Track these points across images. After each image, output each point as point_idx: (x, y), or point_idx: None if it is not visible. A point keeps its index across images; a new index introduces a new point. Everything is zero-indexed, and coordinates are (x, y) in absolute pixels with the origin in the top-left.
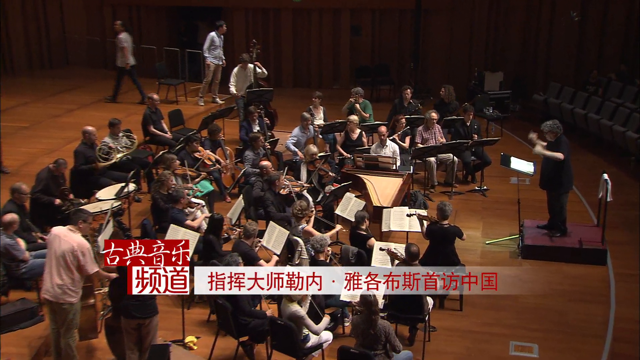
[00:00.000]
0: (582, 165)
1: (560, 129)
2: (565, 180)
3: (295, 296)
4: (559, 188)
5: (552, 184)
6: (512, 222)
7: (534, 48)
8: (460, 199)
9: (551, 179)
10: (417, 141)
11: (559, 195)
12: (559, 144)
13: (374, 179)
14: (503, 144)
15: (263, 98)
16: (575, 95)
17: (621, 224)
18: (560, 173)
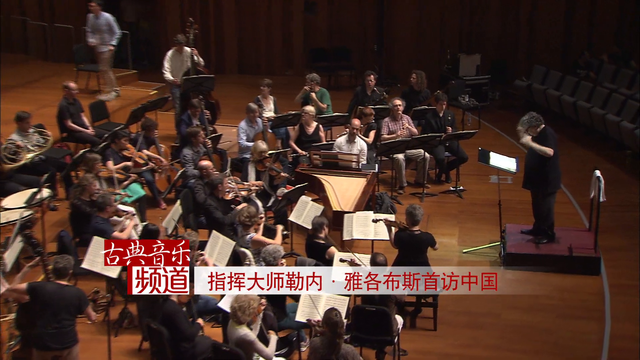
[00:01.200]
0: (571, 160)
1: (540, 120)
2: (552, 178)
3: (244, 318)
4: (545, 187)
5: (538, 183)
6: (493, 227)
7: (515, 26)
8: (432, 202)
9: (537, 177)
10: (382, 134)
11: (546, 196)
12: (545, 138)
13: (333, 180)
14: (481, 137)
15: (202, 87)
16: (563, 80)
17: (616, 228)
18: (546, 170)
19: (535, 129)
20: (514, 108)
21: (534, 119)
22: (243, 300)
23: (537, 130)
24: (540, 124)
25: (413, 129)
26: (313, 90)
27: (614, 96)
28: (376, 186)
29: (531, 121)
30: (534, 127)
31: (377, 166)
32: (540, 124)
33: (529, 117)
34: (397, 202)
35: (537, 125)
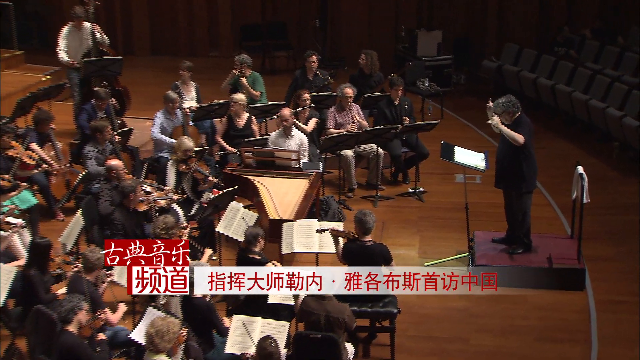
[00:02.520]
0: (550, 155)
1: (518, 107)
2: (528, 175)
3: (163, 345)
4: (520, 186)
5: (512, 181)
6: (459, 235)
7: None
8: (388, 206)
9: (510, 174)
10: (328, 127)
11: (521, 197)
12: (519, 126)
13: (269, 182)
14: (444, 129)
15: (107, 71)
16: (539, 60)
17: (603, 234)
18: (521, 165)
19: (510, 116)
20: (482, 93)
21: (510, 104)
22: (160, 324)
23: (512, 118)
24: (517, 112)
25: (363, 121)
26: (243, 75)
27: (599, 78)
28: (321, 189)
29: (507, 105)
30: (509, 113)
31: (321, 165)
32: (517, 111)
33: (505, 100)
34: (346, 207)
35: (513, 113)
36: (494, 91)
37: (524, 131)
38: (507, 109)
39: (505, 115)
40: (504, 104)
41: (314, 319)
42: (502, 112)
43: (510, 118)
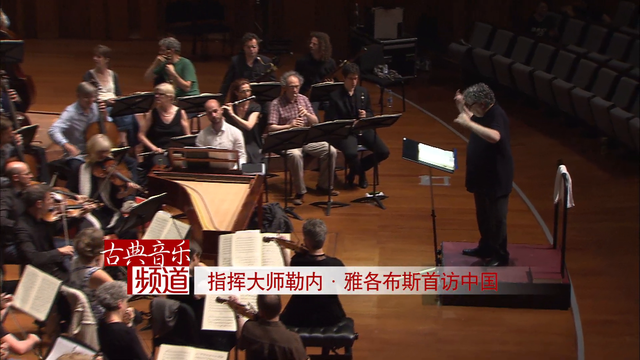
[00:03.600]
0: (528, 152)
1: (492, 97)
2: (504, 176)
3: None
4: (494, 189)
5: (485, 183)
6: (425, 246)
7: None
8: (342, 214)
9: (483, 175)
10: (270, 122)
11: (495, 201)
12: (492, 119)
13: (203, 188)
14: (406, 123)
15: (6, 57)
16: (515, 42)
17: (590, 244)
18: (495, 165)
19: (481, 108)
20: (450, 82)
21: (483, 94)
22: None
23: (484, 110)
24: (490, 103)
25: (312, 115)
26: (171, 62)
27: (583, 63)
28: (263, 195)
29: (479, 96)
30: (480, 105)
31: (263, 167)
32: (490, 102)
33: (477, 90)
34: (294, 216)
35: (486, 104)
36: (463, 79)
37: (498, 126)
38: (479, 100)
39: (476, 106)
40: (475, 93)
41: (256, 348)
42: (473, 103)
43: (482, 110)
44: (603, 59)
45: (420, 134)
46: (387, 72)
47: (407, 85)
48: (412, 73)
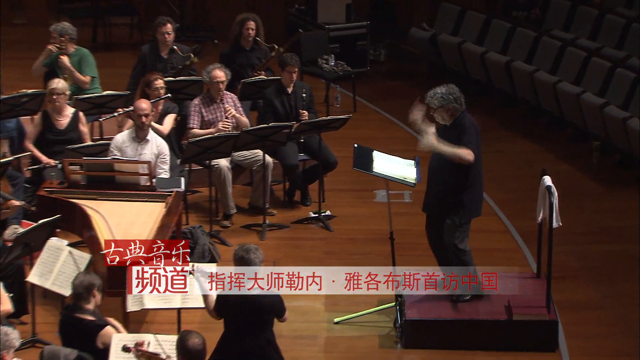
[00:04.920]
0: (506, 161)
1: (462, 103)
2: (468, 197)
3: None
4: (456, 212)
5: (447, 209)
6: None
7: None
8: (281, 238)
9: (446, 201)
10: (191, 126)
11: (456, 227)
12: (462, 131)
13: (107, 208)
14: (358, 127)
15: None
16: (489, 27)
17: (582, 270)
18: (463, 190)
19: (448, 114)
20: (410, 75)
21: (452, 97)
22: None
23: (451, 117)
24: (459, 109)
25: (243, 117)
26: (65, 52)
27: (570, 52)
28: (183, 216)
29: (447, 99)
30: (447, 110)
31: (182, 182)
32: (460, 108)
33: (446, 92)
34: (221, 241)
35: (454, 110)
36: (428, 72)
37: (470, 142)
38: (447, 104)
39: (442, 111)
40: (442, 96)
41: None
42: (438, 106)
43: (449, 117)
44: (594, 47)
45: (375, 140)
46: (333, 64)
47: (358, 80)
48: (364, 65)
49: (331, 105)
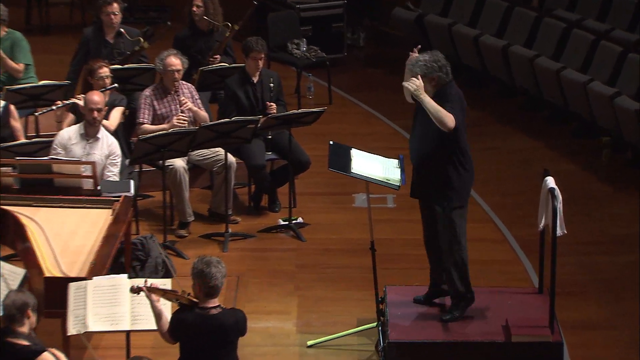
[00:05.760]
0: (503, 159)
1: (448, 72)
2: (459, 180)
3: None
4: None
5: (433, 192)
6: (361, 293)
7: None
8: (246, 250)
9: (431, 181)
10: (141, 121)
11: (449, 213)
12: (446, 100)
13: (44, 216)
14: (334, 121)
15: None
16: (482, 6)
17: (589, 285)
18: (447, 166)
19: (432, 84)
20: (392, 62)
21: (437, 66)
22: None
23: (435, 87)
24: (445, 78)
25: (202, 111)
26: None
27: (576, 35)
28: (133, 224)
29: (431, 67)
30: (431, 80)
31: (132, 185)
32: (445, 78)
33: (430, 59)
34: (177, 253)
35: (438, 79)
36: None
37: (453, 108)
38: (430, 72)
39: (425, 82)
40: (426, 63)
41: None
42: (422, 74)
43: (433, 87)
44: (603, 29)
45: (353, 136)
46: (305, 50)
47: (334, 68)
48: (340, 50)
49: (303, 97)
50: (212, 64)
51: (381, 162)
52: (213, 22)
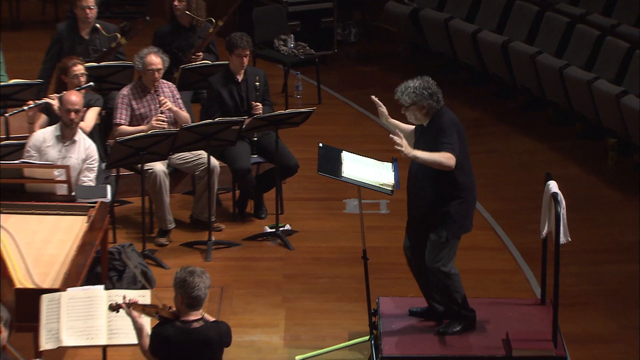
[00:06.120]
0: (504, 163)
1: (439, 100)
2: (457, 209)
3: None
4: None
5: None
6: (353, 304)
7: None
8: (231, 259)
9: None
10: (118, 122)
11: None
12: (441, 131)
13: (14, 223)
14: (323, 122)
15: None
16: (481, 0)
17: (595, 296)
18: (449, 201)
19: (423, 112)
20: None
21: (426, 93)
22: None
23: (426, 116)
24: (435, 106)
25: (183, 112)
26: None
27: (580, 30)
28: (110, 232)
29: (421, 95)
30: (421, 108)
31: (109, 190)
32: (436, 105)
33: (419, 86)
34: (157, 262)
35: (429, 108)
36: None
37: (451, 143)
38: (420, 101)
39: (415, 110)
40: (415, 90)
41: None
42: (410, 104)
43: (424, 116)
44: (608, 24)
45: (344, 138)
46: (293, 46)
47: (323, 65)
48: (330, 47)
49: (291, 96)
50: (194, 62)
51: (374, 165)
52: (195, 17)
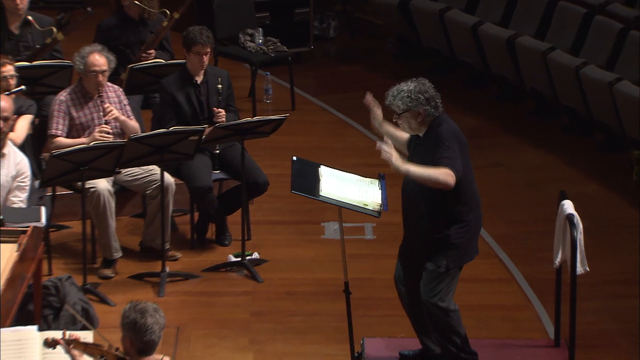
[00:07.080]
0: (510, 179)
1: (436, 104)
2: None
3: None
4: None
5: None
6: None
7: None
8: (188, 294)
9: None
10: (52, 132)
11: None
12: (438, 143)
13: None
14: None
15: None
16: None
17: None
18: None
19: (418, 120)
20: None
21: (422, 97)
22: None
23: (422, 125)
24: (434, 113)
25: (131, 120)
26: None
27: (599, 23)
28: (44, 262)
29: (416, 100)
30: (416, 116)
31: (43, 212)
32: (434, 112)
33: (414, 90)
34: (100, 298)
35: (426, 115)
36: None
37: (450, 157)
38: (415, 107)
39: (409, 117)
40: (410, 95)
41: None
42: (404, 111)
43: (420, 125)
44: (632, 15)
45: (322, 150)
46: (261, 42)
47: (297, 65)
48: (306, 43)
49: (259, 101)
50: (145, 61)
51: (357, 182)
52: (146, 9)
